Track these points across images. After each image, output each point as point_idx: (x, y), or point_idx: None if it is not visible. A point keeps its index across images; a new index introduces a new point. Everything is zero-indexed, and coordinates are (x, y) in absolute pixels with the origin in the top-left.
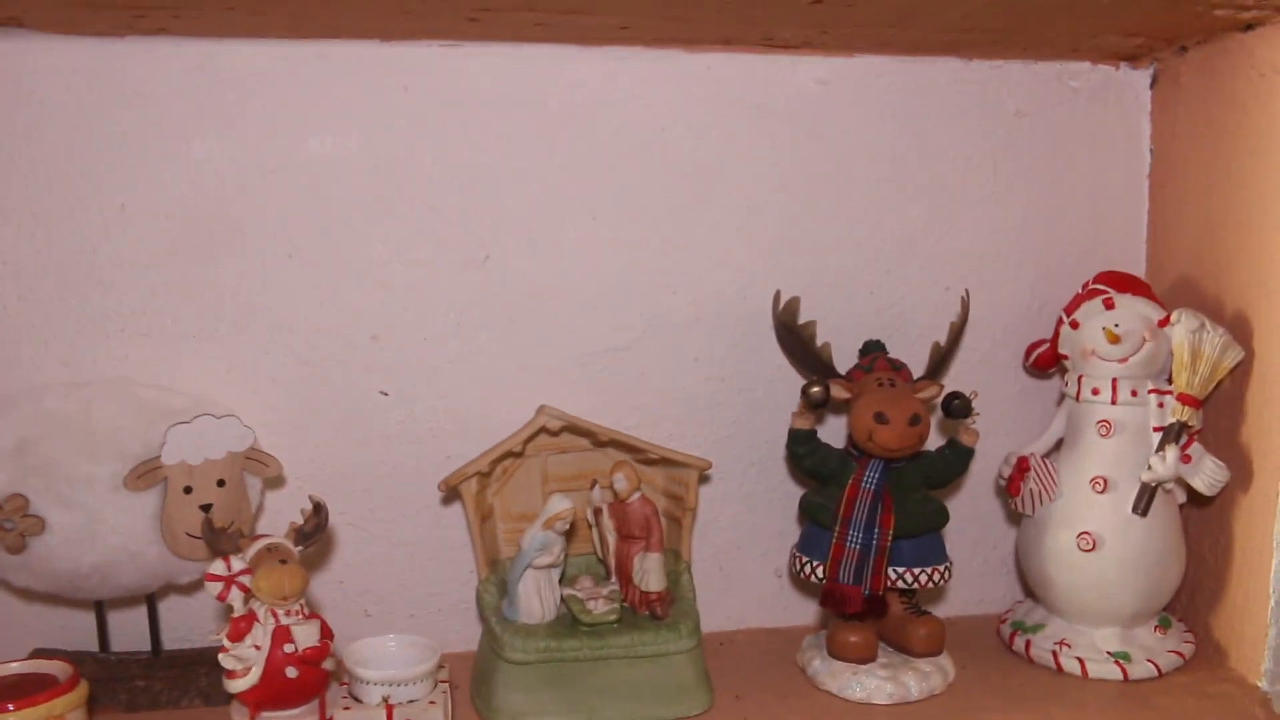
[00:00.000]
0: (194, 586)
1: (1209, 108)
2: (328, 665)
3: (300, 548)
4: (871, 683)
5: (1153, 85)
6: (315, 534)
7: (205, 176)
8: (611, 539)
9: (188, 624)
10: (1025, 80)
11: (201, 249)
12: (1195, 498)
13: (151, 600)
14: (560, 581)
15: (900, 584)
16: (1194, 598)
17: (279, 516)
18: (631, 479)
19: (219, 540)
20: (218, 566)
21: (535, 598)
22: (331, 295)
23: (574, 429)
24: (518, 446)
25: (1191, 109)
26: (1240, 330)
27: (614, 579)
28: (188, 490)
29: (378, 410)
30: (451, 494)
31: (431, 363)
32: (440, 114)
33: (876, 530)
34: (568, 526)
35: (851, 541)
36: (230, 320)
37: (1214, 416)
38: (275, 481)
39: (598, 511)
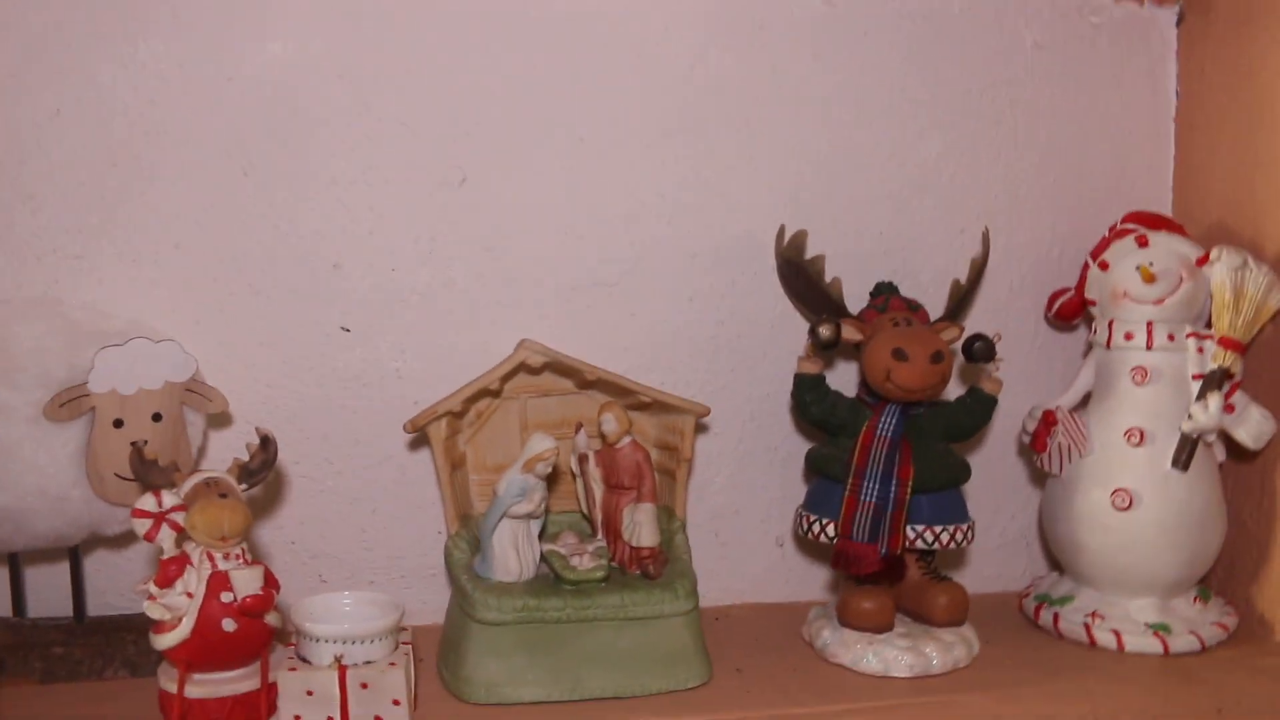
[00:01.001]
0: (124, 539)
1: (1241, 45)
2: (271, 619)
3: (244, 486)
4: (889, 653)
5: (1179, 23)
6: (262, 471)
7: (150, 81)
8: (598, 490)
9: (116, 585)
10: (1044, 10)
11: (144, 163)
12: (1237, 454)
13: (75, 556)
14: (540, 539)
15: (919, 543)
16: (1233, 567)
17: (219, 464)
18: (621, 421)
19: (149, 472)
20: (146, 501)
21: (512, 552)
22: (289, 217)
23: (558, 367)
24: (494, 384)
25: (1222, 47)
26: None
27: (601, 535)
28: (118, 424)
29: (338, 347)
30: (418, 440)
31: (399, 295)
32: (414, 19)
33: (894, 482)
34: (550, 469)
35: (866, 494)
36: (174, 243)
37: (1256, 364)
38: (219, 419)
39: (583, 459)
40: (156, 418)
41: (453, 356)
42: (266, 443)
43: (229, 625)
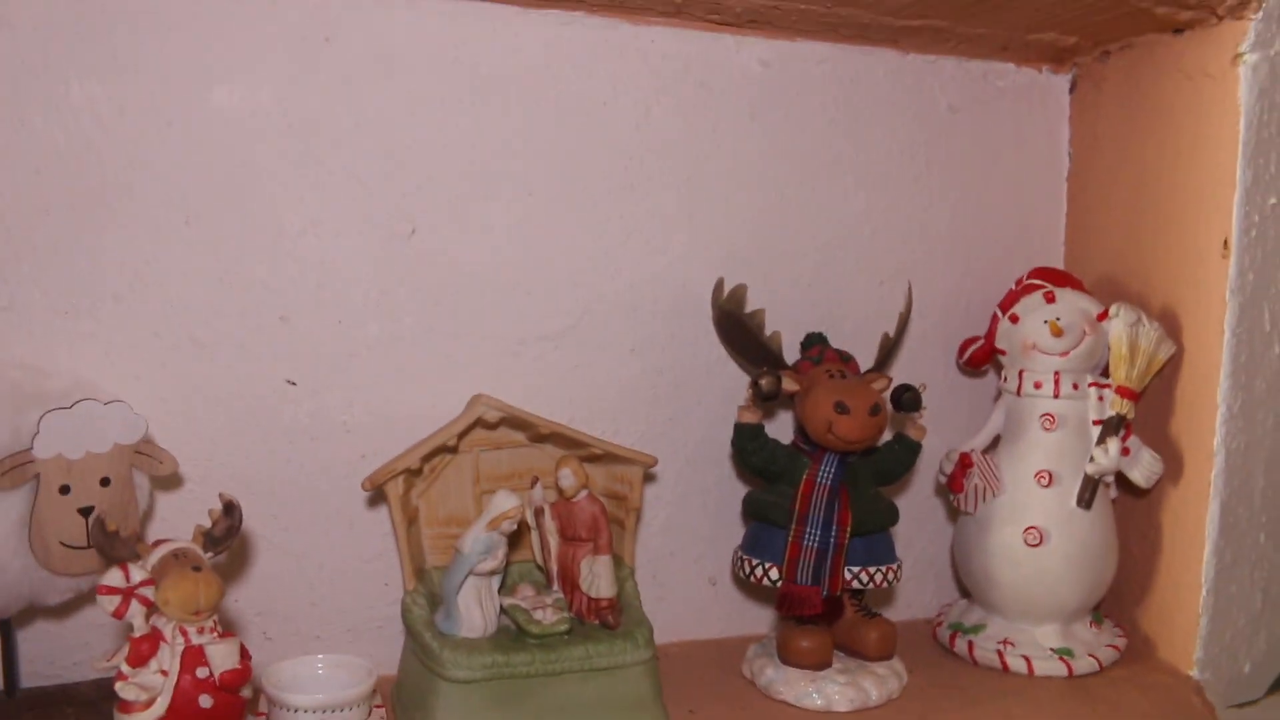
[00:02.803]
0: (65, 609)
1: (1131, 111)
2: (244, 691)
3: (210, 554)
4: (831, 689)
5: (1072, 90)
6: (227, 539)
7: (85, 125)
8: (554, 542)
9: (50, 654)
10: (958, 77)
11: (79, 210)
12: (1127, 491)
13: (7, 627)
14: (499, 591)
15: (855, 584)
16: (1121, 592)
17: (165, 526)
18: (579, 475)
19: (113, 545)
20: (113, 577)
21: (476, 608)
22: (234, 269)
23: (512, 421)
24: (452, 440)
25: (1113, 112)
26: (1168, 326)
27: (557, 586)
28: (64, 490)
29: (285, 402)
30: (370, 497)
31: (347, 348)
32: (365, 70)
33: (834, 528)
34: (515, 527)
35: (809, 539)
36: (113, 295)
37: (1144, 411)
38: (167, 482)
39: (539, 512)
40: (105, 482)
41: (401, 410)
42: (231, 509)
43: (206, 702)
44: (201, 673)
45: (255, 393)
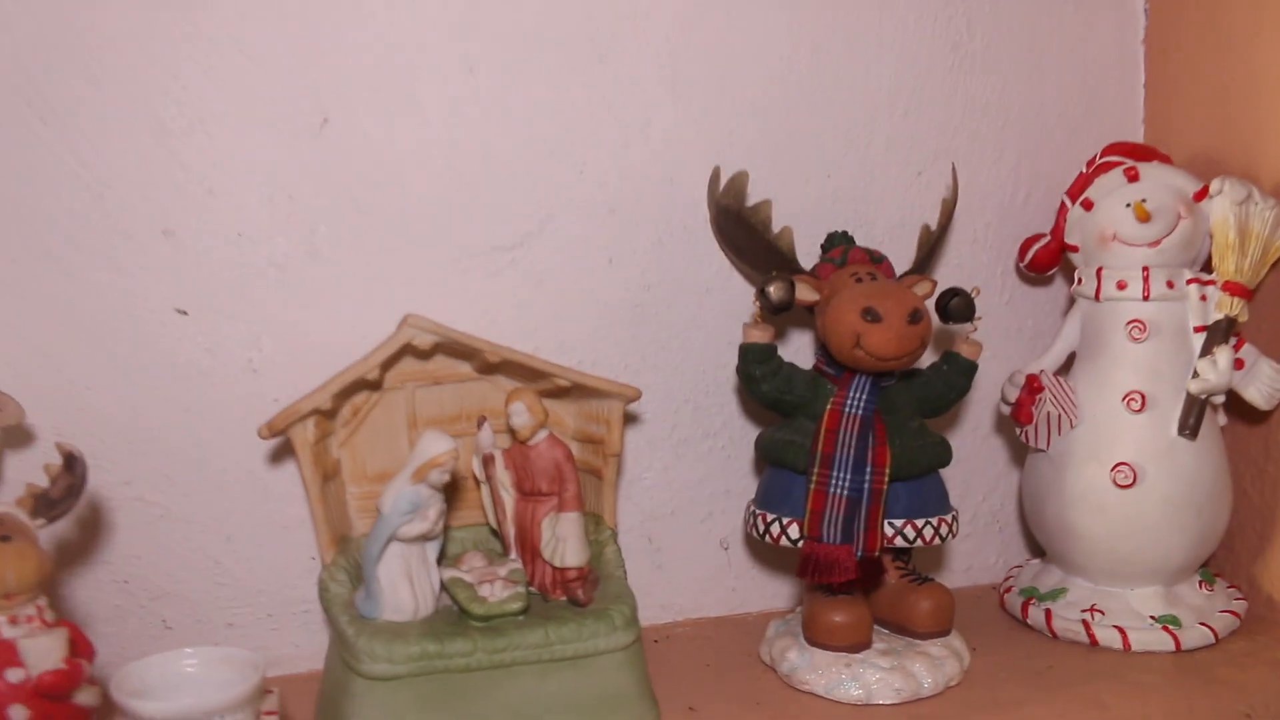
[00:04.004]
0: None
1: None
2: (85, 698)
3: (41, 521)
4: (872, 676)
5: None
6: (67, 500)
7: None
8: (509, 498)
9: None
10: None
11: None
12: (1241, 416)
13: None
14: (439, 562)
15: (899, 541)
16: (1234, 544)
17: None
18: (535, 411)
19: None
20: None
21: (404, 583)
22: (103, 175)
23: (451, 348)
24: (373, 372)
25: None
26: None
27: (515, 554)
28: None
29: (174, 336)
30: (280, 448)
31: (249, 269)
32: None
33: (869, 470)
34: (448, 477)
35: (836, 486)
36: None
37: (1260, 312)
38: (15, 435)
39: (488, 461)
40: None
41: (320, 342)
42: (72, 462)
43: (19, 714)
44: (14, 675)
45: (135, 325)
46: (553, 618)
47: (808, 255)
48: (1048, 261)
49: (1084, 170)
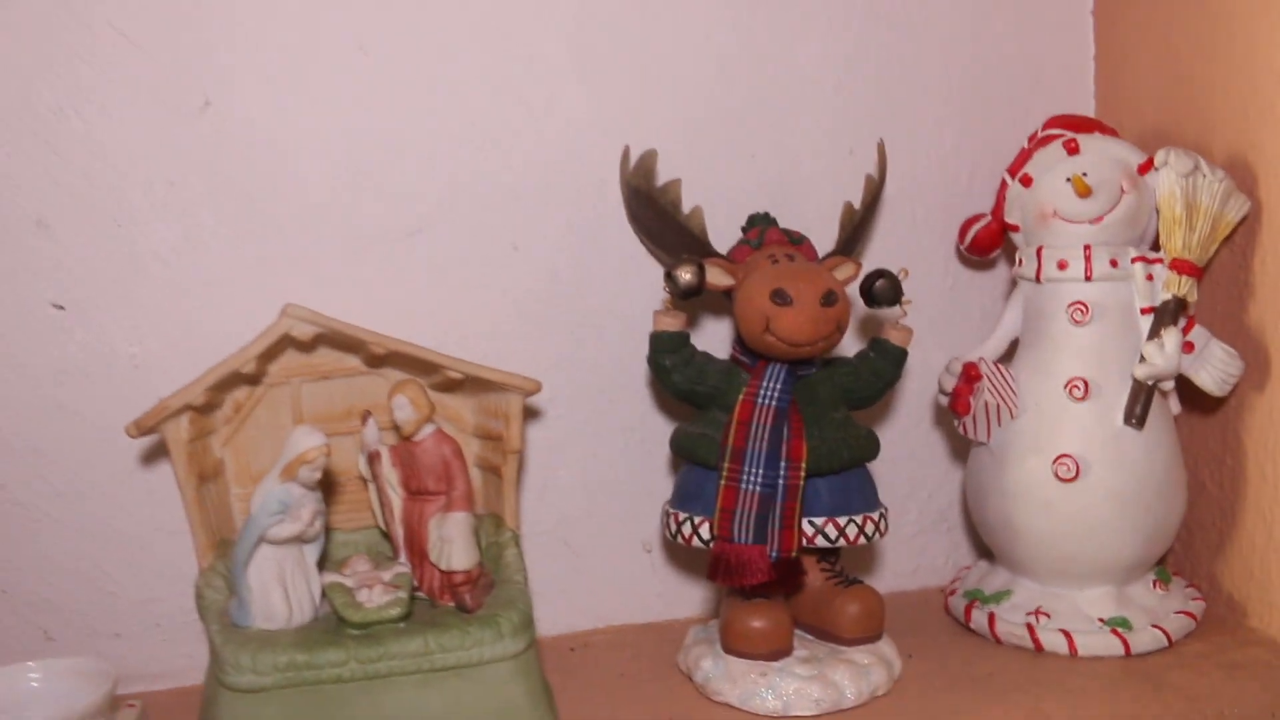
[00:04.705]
0: None
1: None
2: None
3: None
4: (789, 686)
5: None
6: None
7: None
8: (396, 498)
9: None
10: None
11: None
12: (1198, 404)
13: None
14: (324, 567)
15: (820, 541)
16: (1193, 540)
17: None
18: (419, 404)
19: None
20: None
21: (277, 590)
22: None
23: (335, 339)
24: (249, 365)
25: None
26: (1237, 177)
27: (404, 557)
28: None
29: (51, 331)
30: (160, 447)
31: (129, 260)
32: None
33: (783, 464)
34: (319, 474)
35: (748, 482)
36: None
37: (1210, 292)
38: None
39: (374, 458)
40: None
41: (207, 336)
42: None
43: None
44: None
45: (9, 321)
46: (435, 625)
47: (729, 240)
48: (989, 243)
49: (1025, 145)
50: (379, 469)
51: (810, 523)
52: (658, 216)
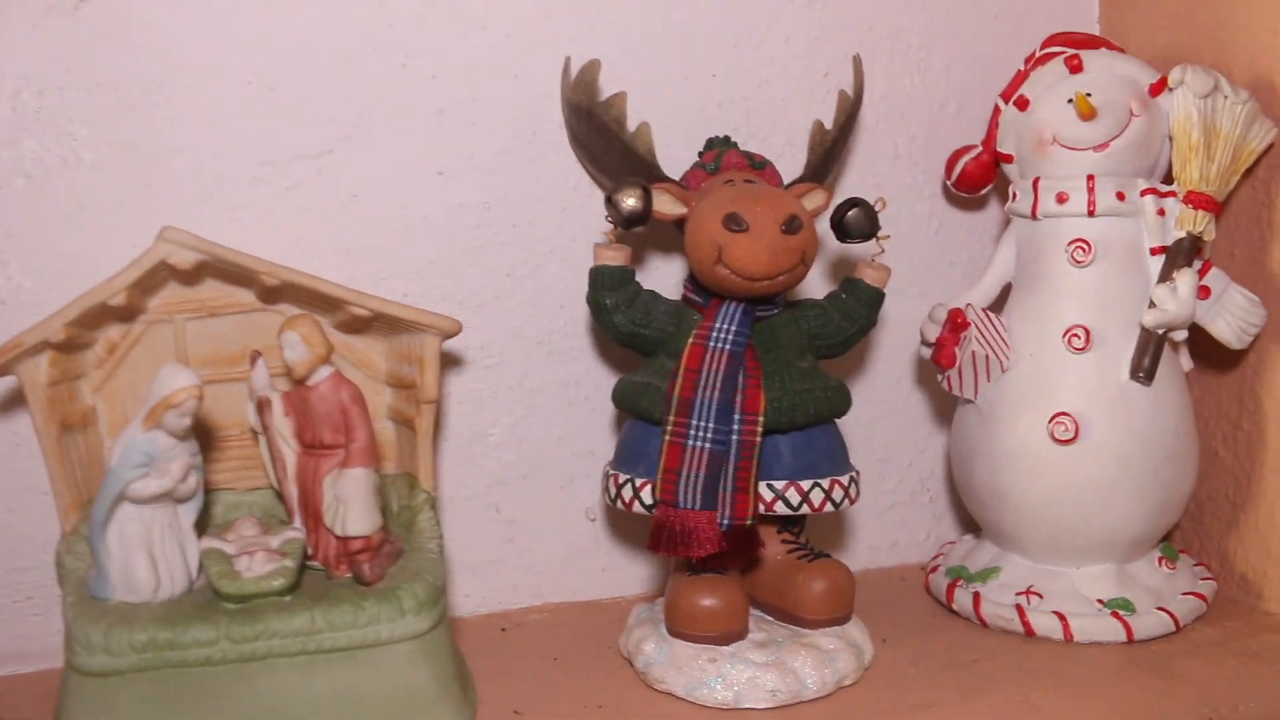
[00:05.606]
0: None
1: None
2: None
3: None
4: (742, 674)
5: None
6: None
7: None
8: (289, 452)
9: None
10: None
11: None
12: (1212, 360)
13: None
14: (205, 531)
15: (780, 507)
16: (1202, 513)
17: None
18: (313, 341)
19: None
20: None
21: (141, 557)
22: None
23: (221, 269)
24: (118, 297)
25: None
26: (1263, 101)
27: (298, 521)
28: None
29: None
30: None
31: None
32: None
33: (737, 418)
34: (189, 420)
35: (696, 438)
36: None
37: (1230, 231)
38: None
39: (263, 406)
40: None
41: (81, 267)
42: None
43: None
44: None
45: None
46: (326, 599)
47: (677, 161)
48: (979, 177)
49: (1021, 69)
50: (269, 418)
51: (769, 486)
52: (600, 135)
